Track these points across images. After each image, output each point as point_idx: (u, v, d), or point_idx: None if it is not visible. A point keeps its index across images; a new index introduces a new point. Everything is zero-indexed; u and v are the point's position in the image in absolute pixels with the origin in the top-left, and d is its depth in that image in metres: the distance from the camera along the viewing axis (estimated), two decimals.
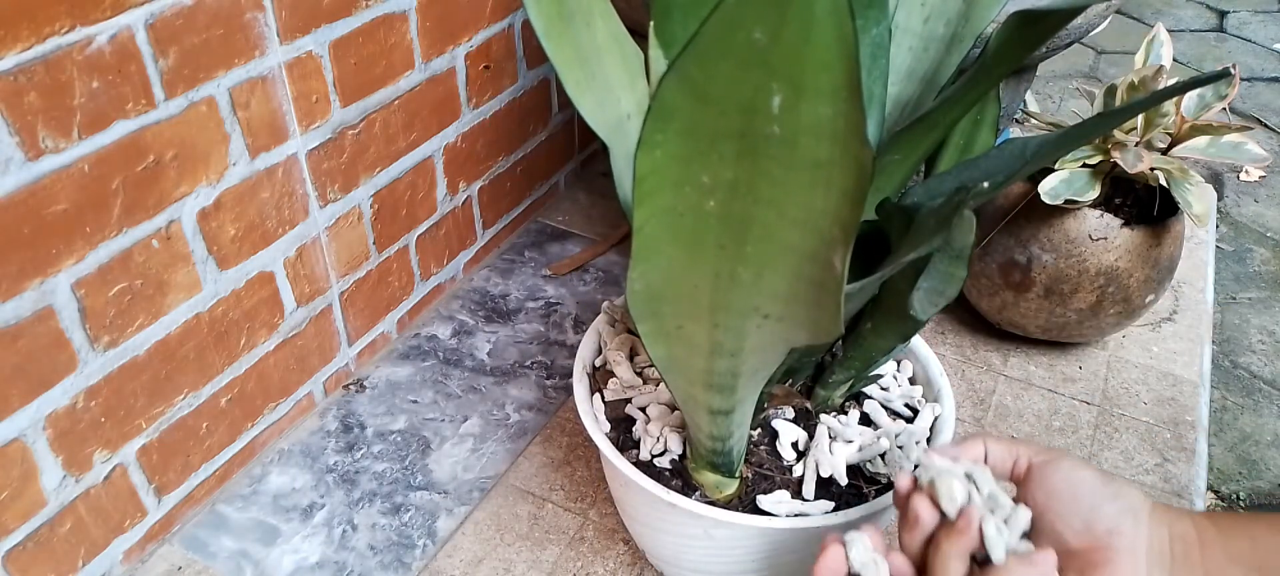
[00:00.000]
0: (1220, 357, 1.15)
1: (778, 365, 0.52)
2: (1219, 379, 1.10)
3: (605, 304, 0.72)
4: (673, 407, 0.65)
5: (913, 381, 0.70)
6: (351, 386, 0.88)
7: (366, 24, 0.77)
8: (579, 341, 0.70)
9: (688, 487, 0.61)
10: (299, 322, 0.81)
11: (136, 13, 0.59)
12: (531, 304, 0.99)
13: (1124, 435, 0.84)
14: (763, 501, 0.60)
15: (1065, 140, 0.46)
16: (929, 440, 0.64)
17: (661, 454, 0.63)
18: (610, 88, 0.50)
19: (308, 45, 0.72)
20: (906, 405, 0.67)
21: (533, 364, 0.91)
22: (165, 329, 0.68)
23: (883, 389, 0.68)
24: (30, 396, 0.60)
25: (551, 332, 0.95)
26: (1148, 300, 0.87)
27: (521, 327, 0.95)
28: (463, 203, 0.98)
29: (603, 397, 0.67)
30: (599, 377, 0.68)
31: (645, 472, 0.60)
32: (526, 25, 0.97)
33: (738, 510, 0.59)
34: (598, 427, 0.63)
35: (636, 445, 0.64)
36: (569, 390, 0.87)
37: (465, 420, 0.85)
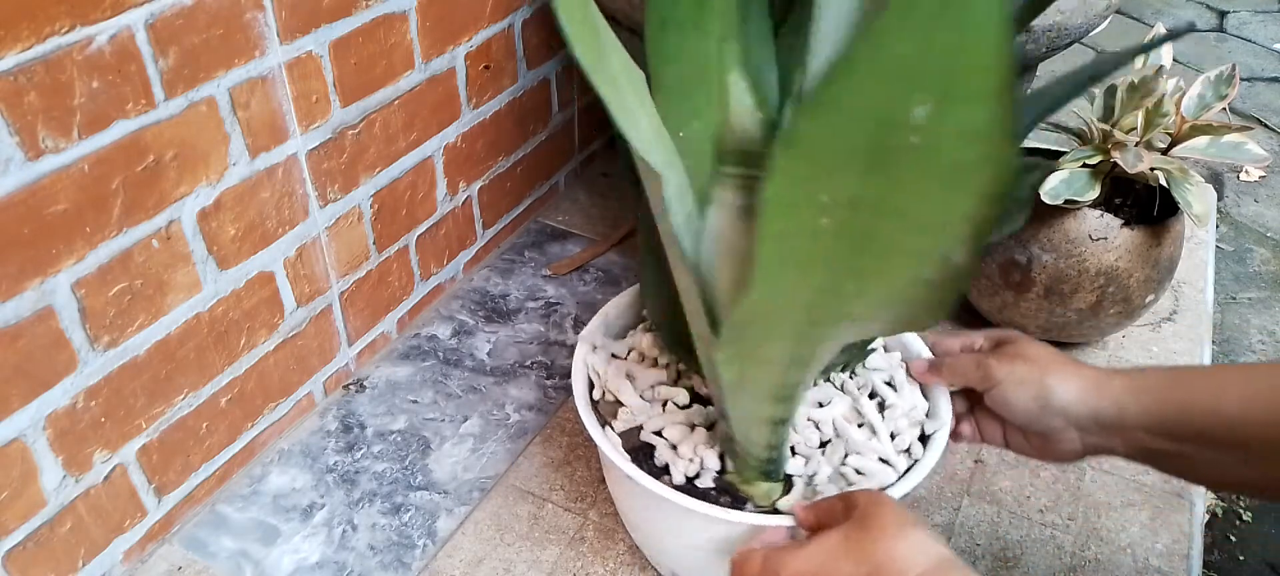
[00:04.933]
0: (1220, 357, 1.16)
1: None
2: None
3: (583, 338, 0.69)
4: (693, 426, 0.63)
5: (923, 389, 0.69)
6: (351, 386, 0.88)
7: (366, 24, 0.77)
8: (578, 341, 0.69)
9: (737, 502, 0.60)
10: (299, 323, 0.81)
11: (136, 13, 0.59)
12: (531, 304, 0.99)
13: None
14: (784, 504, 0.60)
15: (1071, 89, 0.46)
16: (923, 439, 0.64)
17: (697, 475, 0.62)
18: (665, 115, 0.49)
19: (308, 45, 0.72)
20: (887, 383, 0.67)
21: (533, 364, 0.91)
22: (165, 329, 0.68)
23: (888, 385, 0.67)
24: (30, 396, 0.60)
25: (551, 332, 0.95)
26: (1148, 300, 0.87)
27: (521, 327, 0.95)
28: (463, 203, 0.98)
29: (613, 430, 0.64)
30: (602, 411, 0.66)
31: (693, 498, 0.58)
32: (526, 25, 0.97)
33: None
34: (636, 466, 0.60)
35: (662, 471, 0.62)
36: (569, 390, 0.87)
37: (465, 420, 0.85)
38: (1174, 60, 0.82)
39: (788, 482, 0.61)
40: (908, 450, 0.63)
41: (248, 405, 0.78)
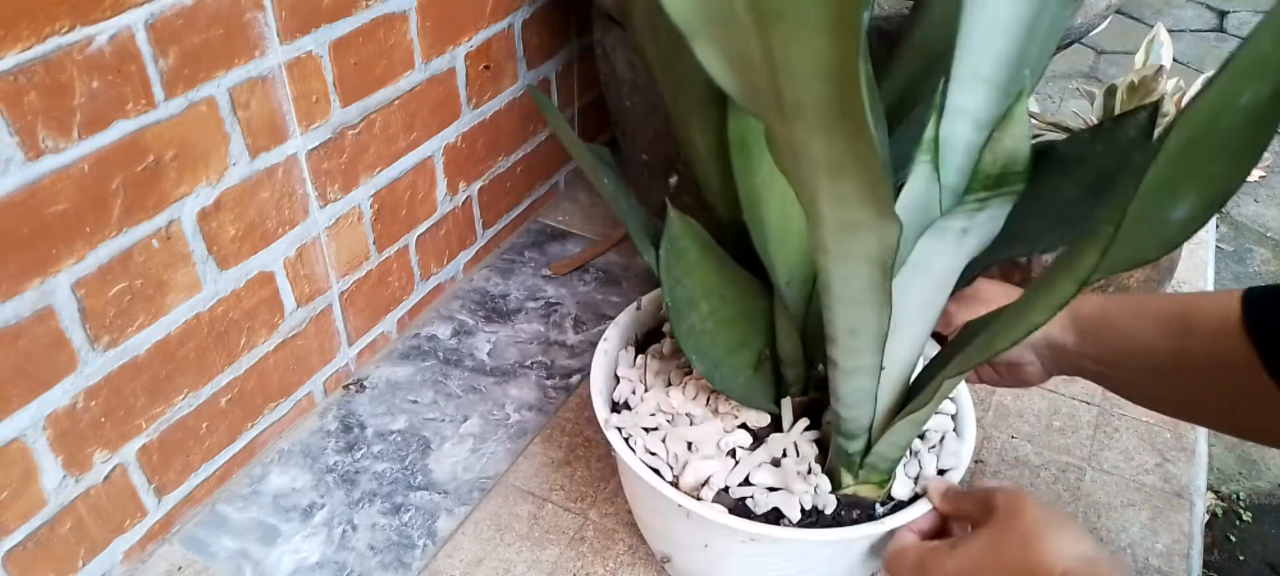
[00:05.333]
0: None
1: None
2: None
3: (607, 424, 0.63)
4: (777, 461, 0.62)
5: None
6: (351, 386, 0.88)
7: (366, 24, 0.77)
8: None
9: (865, 512, 0.60)
10: (299, 323, 0.81)
11: (136, 13, 0.59)
12: (531, 304, 0.99)
13: (1124, 435, 0.84)
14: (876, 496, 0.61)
15: None
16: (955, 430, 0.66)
17: (815, 506, 0.60)
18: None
19: (308, 45, 0.72)
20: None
21: (533, 364, 0.91)
22: (165, 329, 0.68)
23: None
24: (30, 396, 0.60)
25: (551, 333, 0.95)
26: None
27: (521, 327, 0.96)
28: (463, 203, 0.98)
29: (705, 502, 0.60)
30: (685, 488, 0.61)
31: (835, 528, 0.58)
32: (527, 25, 0.97)
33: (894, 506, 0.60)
34: (782, 527, 0.57)
35: (774, 517, 0.59)
36: (569, 390, 0.87)
37: (465, 420, 0.85)
38: (1174, 60, 0.82)
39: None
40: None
41: (248, 405, 0.78)
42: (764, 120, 0.39)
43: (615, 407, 0.66)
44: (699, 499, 0.59)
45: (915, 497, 0.61)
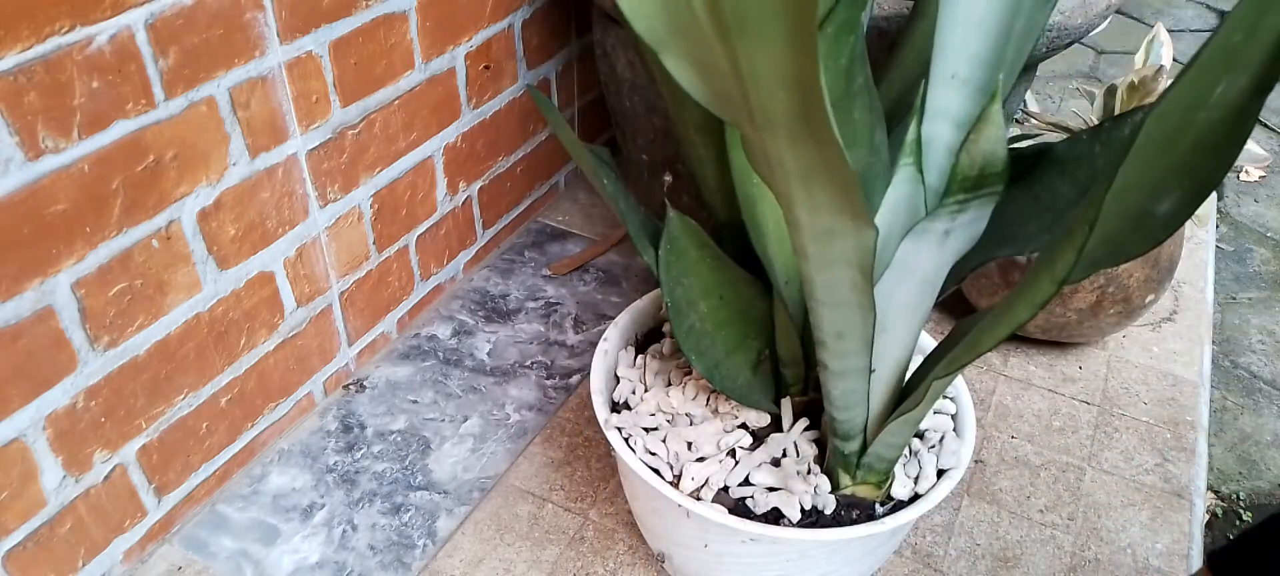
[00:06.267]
0: (1220, 357, 1.16)
1: None
2: (1219, 379, 1.11)
3: (608, 425, 0.63)
4: (778, 461, 0.63)
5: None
6: (351, 386, 0.88)
7: (366, 24, 0.77)
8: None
9: (864, 509, 0.61)
10: (299, 323, 0.81)
11: (136, 13, 0.59)
12: (531, 304, 0.99)
13: (1124, 435, 0.84)
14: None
15: None
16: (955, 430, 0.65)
17: (814, 505, 0.60)
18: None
19: (308, 45, 0.72)
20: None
21: (533, 364, 0.91)
22: (165, 329, 0.68)
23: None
24: (30, 396, 0.60)
25: (551, 333, 0.95)
26: (1148, 300, 0.87)
27: (521, 327, 0.96)
28: (463, 203, 0.98)
29: (705, 502, 0.61)
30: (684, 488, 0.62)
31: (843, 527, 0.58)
32: (526, 25, 0.97)
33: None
34: (808, 530, 0.58)
35: (774, 517, 0.60)
36: (569, 390, 0.87)
37: (465, 420, 0.85)
38: (1174, 60, 0.82)
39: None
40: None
41: (248, 405, 0.78)
42: (738, 128, 0.39)
43: (615, 407, 0.67)
44: (699, 499, 0.59)
45: (915, 497, 0.61)
